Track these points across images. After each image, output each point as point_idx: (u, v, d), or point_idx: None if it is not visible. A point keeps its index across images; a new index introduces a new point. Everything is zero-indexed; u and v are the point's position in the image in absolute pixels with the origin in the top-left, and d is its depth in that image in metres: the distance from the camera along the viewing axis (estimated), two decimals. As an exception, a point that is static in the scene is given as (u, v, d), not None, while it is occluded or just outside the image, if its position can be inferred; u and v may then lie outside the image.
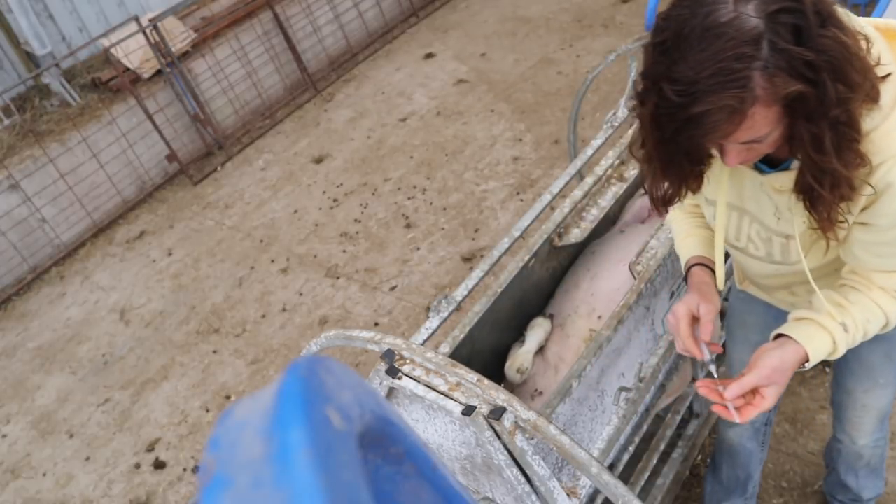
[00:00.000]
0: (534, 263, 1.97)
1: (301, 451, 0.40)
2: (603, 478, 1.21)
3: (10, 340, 4.27)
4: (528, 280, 1.99)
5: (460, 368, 1.33)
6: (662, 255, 1.80)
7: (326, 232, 4.28)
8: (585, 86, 2.79)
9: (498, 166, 4.32)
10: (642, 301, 1.77)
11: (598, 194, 2.18)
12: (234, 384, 3.46)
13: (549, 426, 1.23)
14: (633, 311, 1.73)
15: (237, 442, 0.43)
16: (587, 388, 1.70)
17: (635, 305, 1.71)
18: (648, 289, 1.77)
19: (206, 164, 5.42)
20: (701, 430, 2.18)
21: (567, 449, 1.22)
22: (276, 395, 0.44)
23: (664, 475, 1.99)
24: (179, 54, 5.31)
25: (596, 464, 1.22)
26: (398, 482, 0.61)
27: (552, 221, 1.98)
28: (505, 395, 1.29)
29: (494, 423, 1.27)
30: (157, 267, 4.49)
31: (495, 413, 1.26)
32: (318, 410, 0.44)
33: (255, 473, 0.40)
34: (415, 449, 0.61)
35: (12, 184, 4.62)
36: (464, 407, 1.29)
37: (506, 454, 1.30)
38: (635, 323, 1.80)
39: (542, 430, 1.24)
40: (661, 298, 1.89)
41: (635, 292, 1.70)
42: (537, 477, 1.31)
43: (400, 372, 1.37)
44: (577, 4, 5.93)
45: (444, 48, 5.98)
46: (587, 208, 2.14)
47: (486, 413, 1.27)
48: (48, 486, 3.26)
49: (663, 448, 1.94)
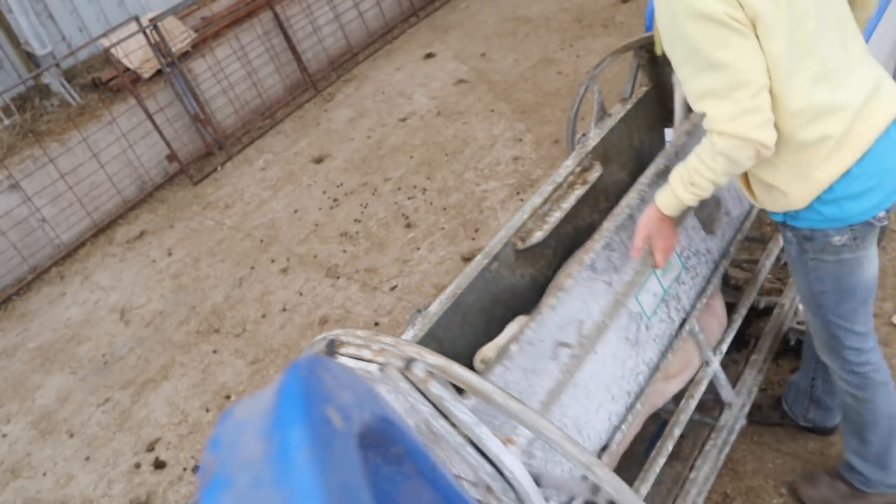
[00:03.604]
0: (497, 267, 1.99)
1: (301, 451, 0.40)
2: (510, 403, 1.25)
3: (10, 340, 4.27)
4: (498, 284, 2.00)
5: (384, 336, 1.36)
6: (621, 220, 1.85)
7: (326, 232, 4.28)
8: (584, 87, 2.78)
9: (498, 166, 4.32)
10: (598, 265, 1.82)
11: (562, 199, 2.19)
12: (234, 384, 3.46)
13: (453, 366, 1.28)
14: (579, 279, 1.77)
15: (237, 442, 0.43)
16: (546, 358, 1.71)
17: (587, 270, 1.77)
18: (605, 256, 1.82)
19: (206, 164, 5.42)
20: (736, 422, 2.12)
21: (475, 385, 1.26)
22: (276, 395, 0.45)
23: (697, 468, 1.95)
24: (179, 54, 5.31)
25: (501, 393, 1.25)
26: (398, 482, 0.61)
27: (510, 227, 2.00)
28: (416, 348, 1.33)
29: (408, 374, 1.31)
30: (157, 267, 4.49)
31: (407, 364, 1.32)
32: (318, 410, 0.44)
33: (255, 473, 0.40)
34: (415, 449, 0.62)
35: (12, 184, 4.62)
36: (380, 365, 1.34)
37: (429, 405, 1.33)
38: (590, 289, 1.81)
39: (448, 372, 1.28)
40: (624, 272, 1.89)
41: (587, 252, 1.74)
42: (463, 424, 1.33)
43: (336, 353, 1.41)
44: (577, 4, 5.93)
45: (444, 48, 5.98)
46: (550, 212, 2.15)
47: (400, 366, 1.32)
48: (48, 485, 3.26)
49: (680, 433, 1.90)
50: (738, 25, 1.35)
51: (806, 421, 2.30)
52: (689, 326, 1.95)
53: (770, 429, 2.42)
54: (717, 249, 2.14)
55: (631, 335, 1.86)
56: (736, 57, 1.37)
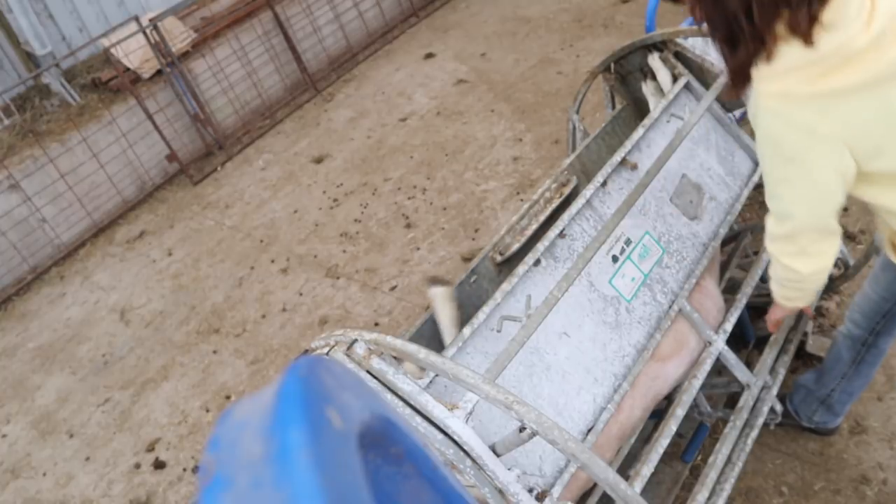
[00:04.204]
0: (477, 280, 2.09)
1: (301, 451, 0.40)
2: (431, 359, 1.33)
3: (10, 340, 4.27)
4: (481, 297, 2.07)
5: (337, 330, 1.48)
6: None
7: (326, 232, 4.28)
8: (587, 86, 2.78)
9: (498, 166, 4.32)
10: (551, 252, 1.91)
11: (539, 213, 2.26)
12: (234, 384, 3.46)
13: (386, 338, 1.39)
14: (532, 267, 1.86)
15: (237, 442, 0.43)
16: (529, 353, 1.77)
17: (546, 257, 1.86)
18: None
19: (206, 164, 5.43)
20: (762, 404, 2.09)
21: (402, 349, 1.36)
22: (276, 395, 0.45)
23: (716, 452, 1.93)
24: (179, 54, 5.31)
25: (424, 351, 1.33)
26: (398, 482, 0.61)
27: (489, 243, 2.09)
28: (357, 332, 1.45)
29: (351, 355, 1.43)
30: (157, 267, 4.49)
31: (350, 346, 1.44)
32: (318, 410, 0.44)
33: (255, 473, 0.40)
34: (415, 449, 0.62)
35: (12, 184, 4.62)
36: (327, 350, 1.46)
37: (375, 381, 1.41)
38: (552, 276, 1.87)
39: (381, 343, 1.39)
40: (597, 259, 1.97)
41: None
42: (406, 394, 1.38)
43: (307, 349, 1.54)
44: (577, 4, 5.93)
45: (444, 48, 5.98)
46: (528, 226, 2.22)
47: (344, 350, 1.44)
48: (48, 486, 3.26)
49: (683, 413, 1.87)
50: None
51: (810, 422, 2.30)
52: (679, 306, 1.96)
53: (770, 429, 2.42)
54: (705, 233, 2.15)
55: (609, 318, 1.88)
56: None
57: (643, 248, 2.01)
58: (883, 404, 2.41)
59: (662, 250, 2.05)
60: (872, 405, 2.42)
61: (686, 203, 2.17)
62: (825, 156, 1.34)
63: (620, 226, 1.98)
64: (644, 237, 2.05)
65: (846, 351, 2.05)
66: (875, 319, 1.91)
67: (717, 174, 2.28)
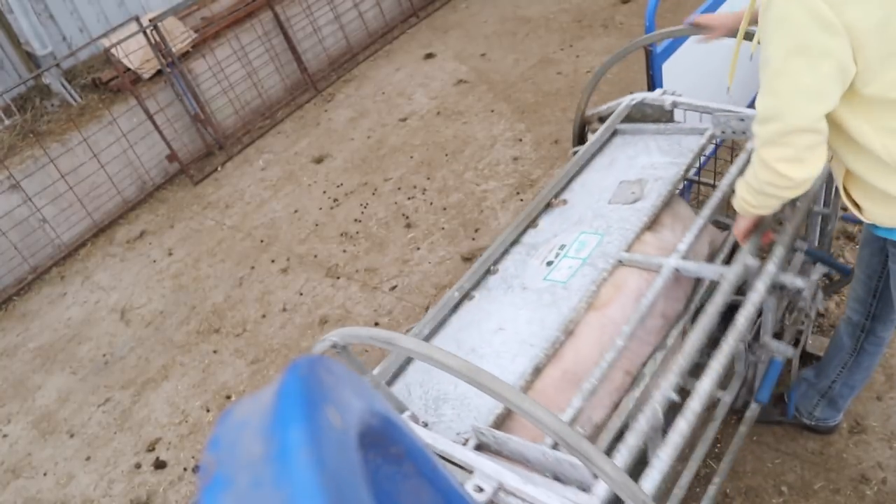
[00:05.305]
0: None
1: (301, 451, 0.40)
2: (372, 332, 1.50)
3: (10, 340, 4.27)
4: None
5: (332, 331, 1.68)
6: None
7: (326, 232, 4.28)
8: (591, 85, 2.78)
9: (498, 166, 4.32)
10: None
11: (538, 219, 2.31)
12: (235, 384, 3.46)
13: (357, 328, 1.57)
14: None
15: (237, 442, 0.43)
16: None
17: None
18: None
19: (206, 164, 5.43)
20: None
21: (351, 333, 1.54)
22: (276, 394, 0.45)
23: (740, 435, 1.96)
24: (180, 54, 5.31)
25: (366, 329, 1.54)
26: (398, 482, 0.61)
27: (488, 258, 2.14)
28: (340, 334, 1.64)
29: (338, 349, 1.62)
30: (157, 267, 4.49)
31: (335, 345, 1.62)
32: (318, 410, 0.44)
33: (255, 473, 0.41)
34: (415, 449, 0.62)
35: (13, 184, 4.62)
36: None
37: None
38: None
39: (354, 334, 1.56)
40: None
41: None
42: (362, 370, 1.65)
43: None
44: (576, 5, 5.93)
45: (444, 48, 5.98)
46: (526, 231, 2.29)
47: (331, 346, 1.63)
48: (49, 485, 3.26)
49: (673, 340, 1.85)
50: None
51: (810, 418, 2.31)
52: (618, 258, 1.93)
53: (769, 428, 2.43)
54: (650, 203, 2.12)
55: (546, 301, 1.94)
56: None
57: (579, 244, 2.07)
58: (882, 404, 2.41)
59: (601, 235, 2.07)
60: (872, 405, 2.42)
61: (627, 195, 2.19)
62: (832, 51, 1.34)
63: (557, 235, 2.13)
64: (580, 236, 2.09)
65: (847, 337, 2.08)
66: (868, 301, 1.95)
67: (662, 163, 2.28)
